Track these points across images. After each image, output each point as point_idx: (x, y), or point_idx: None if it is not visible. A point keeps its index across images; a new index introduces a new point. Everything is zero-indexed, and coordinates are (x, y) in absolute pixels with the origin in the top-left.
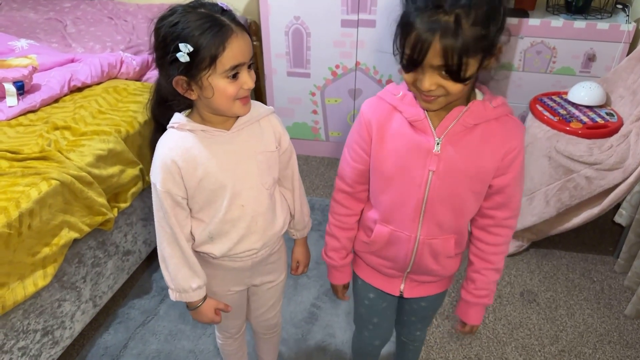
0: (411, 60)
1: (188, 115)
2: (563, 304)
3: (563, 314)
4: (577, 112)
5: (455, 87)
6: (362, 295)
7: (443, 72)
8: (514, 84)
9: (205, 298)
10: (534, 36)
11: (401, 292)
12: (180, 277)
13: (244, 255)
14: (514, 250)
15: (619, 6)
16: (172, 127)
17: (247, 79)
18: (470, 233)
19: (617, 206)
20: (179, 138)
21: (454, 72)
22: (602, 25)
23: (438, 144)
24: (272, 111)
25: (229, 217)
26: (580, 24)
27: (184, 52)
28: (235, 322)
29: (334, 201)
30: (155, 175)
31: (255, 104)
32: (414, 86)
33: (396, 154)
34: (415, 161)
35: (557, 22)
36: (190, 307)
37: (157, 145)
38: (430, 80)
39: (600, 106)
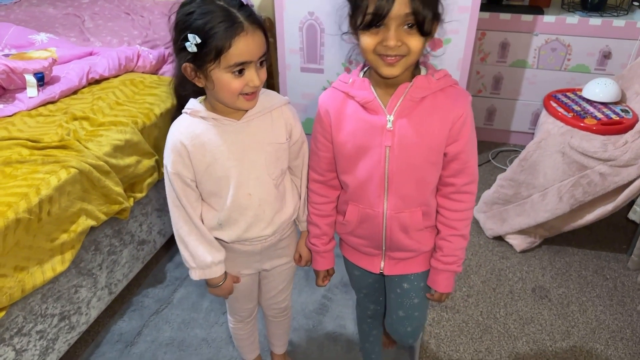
0: (376, 16)
1: (202, 102)
2: (575, 300)
3: (575, 310)
4: (591, 109)
5: (417, 44)
6: (349, 271)
7: (406, 27)
8: (527, 81)
9: (226, 275)
10: (549, 33)
11: (381, 270)
12: (201, 252)
13: (255, 241)
14: (526, 246)
15: (636, 3)
16: (186, 112)
17: (253, 77)
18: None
19: (631, 203)
20: (190, 124)
21: (419, 23)
22: (618, 22)
23: (390, 120)
24: (286, 102)
25: (237, 205)
26: (595, 21)
27: (191, 43)
28: (247, 306)
29: (310, 191)
30: (167, 157)
31: (270, 94)
32: (373, 52)
33: (354, 135)
34: (371, 140)
35: (573, 19)
36: (211, 284)
37: (170, 128)
38: (396, 35)
39: (615, 103)
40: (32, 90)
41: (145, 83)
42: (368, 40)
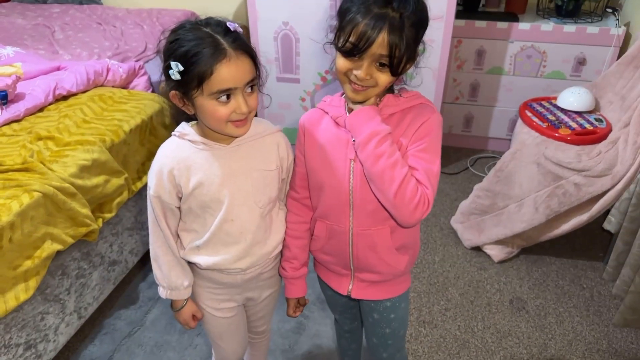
0: (354, 48)
1: (193, 126)
2: (552, 311)
3: (552, 322)
4: (566, 118)
5: (385, 80)
6: (323, 290)
7: (378, 65)
8: (504, 88)
9: (187, 300)
10: (524, 40)
11: (349, 292)
12: (174, 275)
13: (232, 272)
14: (503, 256)
15: (609, 10)
16: (175, 134)
17: (240, 104)
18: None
19: (606, 213)
20: (177, 147)
21: (393, 65)
22: (592, 29)
23: None
24: (276, 130)
25: (218, 230)
26: (570, 27)
27: (174, 70)
28: (234, 346)
29: (287, 210)
30: (150, 179)
31: (262, 122)
32: (344, 75)
33: (321, 149)
34: (337, 153)
35: (547, 26)
36: (175, 307)
37: (157, 151)
38: (367, 70)
39: (590, 112)
40: None
41: (115, 98)
42: (342, 63)
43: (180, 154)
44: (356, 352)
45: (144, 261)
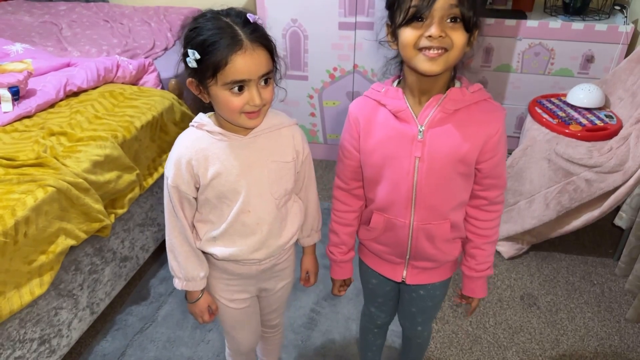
0: (421, 5)
1: (211, 117)
2: (563, 307)
3: (564, 318)
4: (576, 115)
5: (460, 39)
6: (366, 279)
7: (449, 22)
8: (512, 85)
9: (203, 292)
10: (532, 38)
11: (403, 278)
12: (190, 265)
13: (248, 262)
14: (514, 253)
15: (617, 7)
16: (193, 125)
17: (253, 96)
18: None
19: (617, 209)
20: (195, 138)
21: (464, 16)
22: (600, 26)
23: (421, 131)
24: (293, 123)
25: (235, 221)
26: (578, 25)
27: (191, 58)
28: (247, 336)
29: (334, 198)
30: (168, 170)
31: (279, 114)
32: (414, 47)
33: (382, 145)
34: (401, 150)
35: (555, 23)
36: (190, 298)
37: (175, 141)
38: (440, 26)
39: (599, 108)
40: (6, 105)
41: (125, 95)
42: (408, 33)
43: (198, 144)
44: (379, 348)
45: (155, 257)
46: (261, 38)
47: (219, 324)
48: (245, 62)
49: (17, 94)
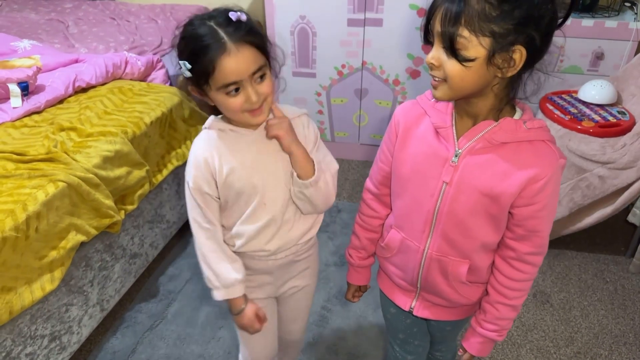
0: (425, 29)
1: (222, 117)
2: (577, 305)
3: (577, 315)
4: (588, 111)
5: (453, 69)
6: (385, 308)
7: (445, 49)
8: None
9: (247, 300)
10: None
11: (411, 308)
12: (224, 270)
13: (262, 255)
14: None
15: (627, 4)
16: (205, 127)
17: (249, 94)
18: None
19: (630, 205)
20: (208, 138)
21: (447, 42)
22: (610, 23)
23: (457, 155)
24: (303, 113)
25: (251, 214)
26: (587, 22)
27: (184, 69)
28: (264, 342)
29: (362, 200)
30: (188, 174)
31: (288, 107)
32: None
33: (414, 158)
34: (431, 169)
35: None
36: (234, 310)
37: (191, 146)
38: (434, 53)
39: (612, 105)
40: (16, 101)
41: (134, 91)
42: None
43: (212, 143)
44: None
45: (164, 255)
46: (246, 35)
47: (231, 321)
48: (231, 65)
49: (26, 89)
